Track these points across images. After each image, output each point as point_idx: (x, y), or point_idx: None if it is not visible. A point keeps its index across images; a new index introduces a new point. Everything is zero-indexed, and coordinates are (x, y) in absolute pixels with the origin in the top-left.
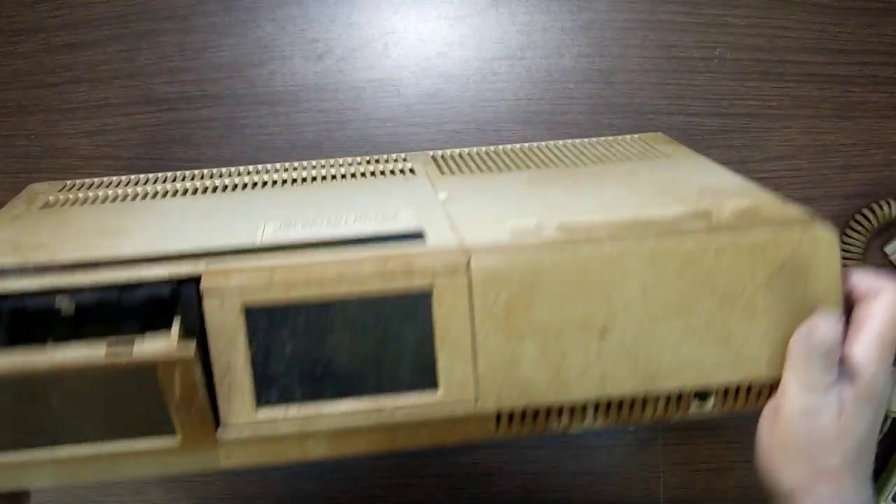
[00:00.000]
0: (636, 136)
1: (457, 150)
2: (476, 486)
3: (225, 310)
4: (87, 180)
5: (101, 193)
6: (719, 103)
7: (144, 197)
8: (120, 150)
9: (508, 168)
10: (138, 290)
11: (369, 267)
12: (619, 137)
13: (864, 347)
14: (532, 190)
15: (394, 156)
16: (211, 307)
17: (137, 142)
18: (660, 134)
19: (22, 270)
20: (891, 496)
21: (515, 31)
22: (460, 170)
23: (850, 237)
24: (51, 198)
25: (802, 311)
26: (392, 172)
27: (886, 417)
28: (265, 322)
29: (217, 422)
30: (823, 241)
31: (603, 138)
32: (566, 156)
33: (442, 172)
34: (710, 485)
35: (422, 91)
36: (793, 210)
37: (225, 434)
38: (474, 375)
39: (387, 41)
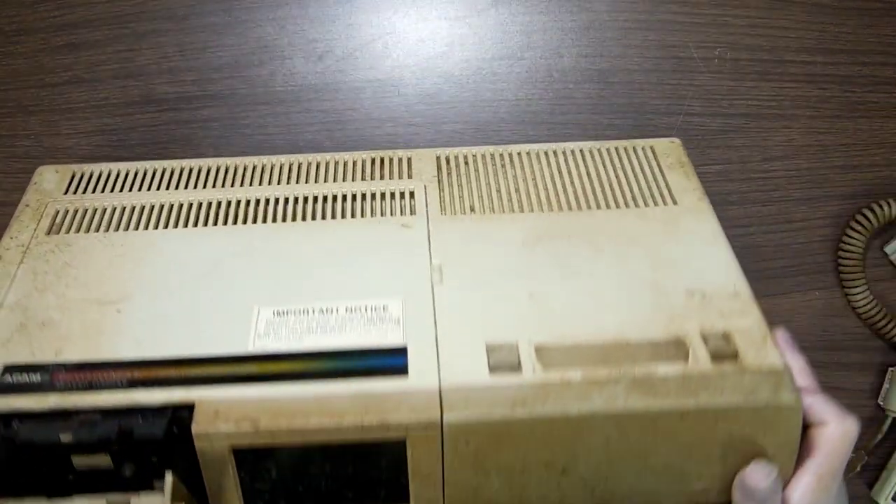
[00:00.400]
0: (650, 144)
1: (462, 152)
2: None
3: (215, 450)
4: (94, 169)
5: (107, 205)
6: (719, 103)
7: (149, 219)
8: (120, 150)
9: (511, 204)
10: (135, 425)
11: (349, 420)
12: (632, 147)
13: (801, 484)
14: (526, 255)
15: (399, 154)
16: (202, 447)
17: (137, 142)
18: (675, 143)
19: (29, 385)
20: (891, 496)
21: (515, 31)
22: (462, 203)
23: (850, 237)
24: (58, 208)
25: (756, 456)
26: (392, 196)
27: (886, 417)
28: (252, 457)
29: None
30: (787, 408)
31: (613, 146)
32: (570, 182)
33: (442, 209)
34: None
35: (422, 91)
36: (769, 355)
37: None
38: (443, 497)
39: (387, 41)
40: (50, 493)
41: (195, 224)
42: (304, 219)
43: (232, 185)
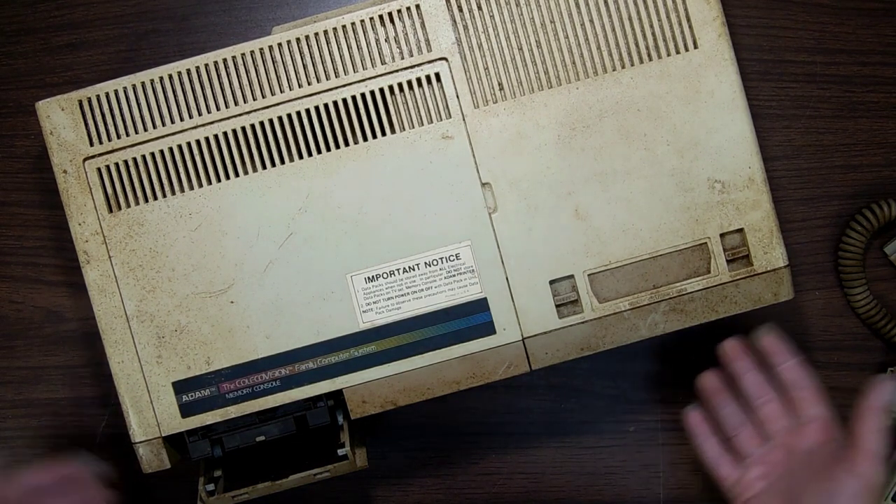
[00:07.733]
0: None
1: None
2: (476, 487)
3: (364, 406)
4: (99, 95)
5: (145, 152)
6: None
7: (196, 170)
8: None
9: (537, 72)
10: (307, 416)
11: (462, 386)
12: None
13: None
14: (564, 156)
15: (405, 2)
16: (353, 408)
17: None
18: None
19: (206, 400)
20: (891, 496)
21: None
22: (490, 81)
23: (850, 237)
24: (98, 166)
25: None
26: (420, 83)
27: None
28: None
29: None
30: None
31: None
32: (590, 21)
33: (474, 101)
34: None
35: None
36: (773, 253)
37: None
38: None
39: None
40: (267, 476)
41: (244, 167)
42: (346, 143)
43: (253, 97)
